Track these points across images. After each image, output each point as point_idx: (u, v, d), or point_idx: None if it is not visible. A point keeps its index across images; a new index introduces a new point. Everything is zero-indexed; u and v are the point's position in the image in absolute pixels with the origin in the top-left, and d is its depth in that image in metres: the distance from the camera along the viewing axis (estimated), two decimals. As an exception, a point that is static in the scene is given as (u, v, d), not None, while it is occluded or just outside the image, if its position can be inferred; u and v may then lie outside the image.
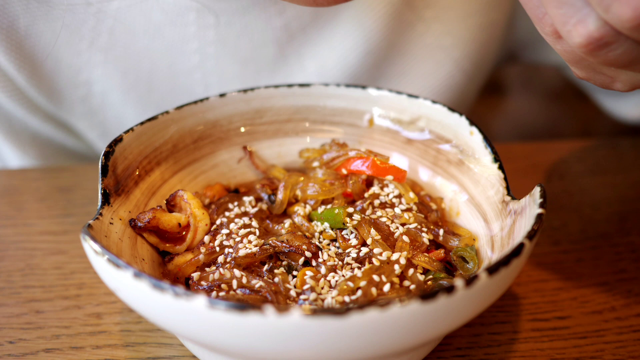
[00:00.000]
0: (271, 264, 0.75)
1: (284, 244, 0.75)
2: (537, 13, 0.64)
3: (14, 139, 1.19)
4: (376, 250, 0.74)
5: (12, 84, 1.09)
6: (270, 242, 0.75)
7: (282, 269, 0.74)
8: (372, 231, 0.76)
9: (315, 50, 1.11)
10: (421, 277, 0.72)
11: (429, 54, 1.16)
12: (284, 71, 1.13)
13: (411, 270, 0.72)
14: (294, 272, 0.74)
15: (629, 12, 0.54)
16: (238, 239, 0.77)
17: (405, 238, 0.75)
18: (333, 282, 0.71)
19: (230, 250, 0.76)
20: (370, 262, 0.72)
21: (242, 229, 0.78)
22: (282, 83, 0.98)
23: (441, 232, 0.78)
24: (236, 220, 0.80)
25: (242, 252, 0.75)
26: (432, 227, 0.79)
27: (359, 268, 0.73)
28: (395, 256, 0.72)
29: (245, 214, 0.82)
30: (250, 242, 0.76)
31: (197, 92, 1.13)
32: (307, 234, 0.78)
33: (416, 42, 1.14)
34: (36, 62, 1.07)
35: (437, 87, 1.19)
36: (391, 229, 0.77)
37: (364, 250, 0.75)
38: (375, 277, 0.69)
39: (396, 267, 0.71)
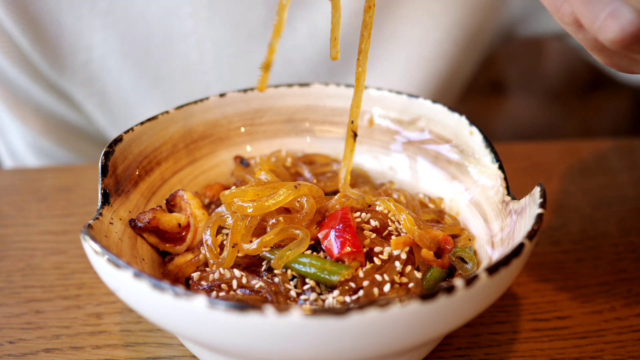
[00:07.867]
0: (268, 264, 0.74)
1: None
2: (554, 2, 0.61)
3: (18, 110, 1.22)
4: (376, 249, 0.73)
5: (17, 48, 1.14)
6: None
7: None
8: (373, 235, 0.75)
9: (304, 12, 1.13)
10: (418, 275, 0.71)
11: (417, 19, 1.17)
12: None
13: (408, 267, 0.71)
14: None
15: None
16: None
17: (403, 236, 0.74)
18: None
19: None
20: (372, 262, 0.72)
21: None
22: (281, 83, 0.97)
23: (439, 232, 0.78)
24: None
25: None
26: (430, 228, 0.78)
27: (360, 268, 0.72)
28: (396, 252, 0.72)
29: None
30: None
31: (192, 57, 1.17)
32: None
33: (404, 5, 1.16)
34: (40, 26, 1.11)
35: (427, 54, 1.20)
36: (390, 229, 0.76)
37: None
38: (378, 277, 0.69)
39: (397, 263, 0.71)
